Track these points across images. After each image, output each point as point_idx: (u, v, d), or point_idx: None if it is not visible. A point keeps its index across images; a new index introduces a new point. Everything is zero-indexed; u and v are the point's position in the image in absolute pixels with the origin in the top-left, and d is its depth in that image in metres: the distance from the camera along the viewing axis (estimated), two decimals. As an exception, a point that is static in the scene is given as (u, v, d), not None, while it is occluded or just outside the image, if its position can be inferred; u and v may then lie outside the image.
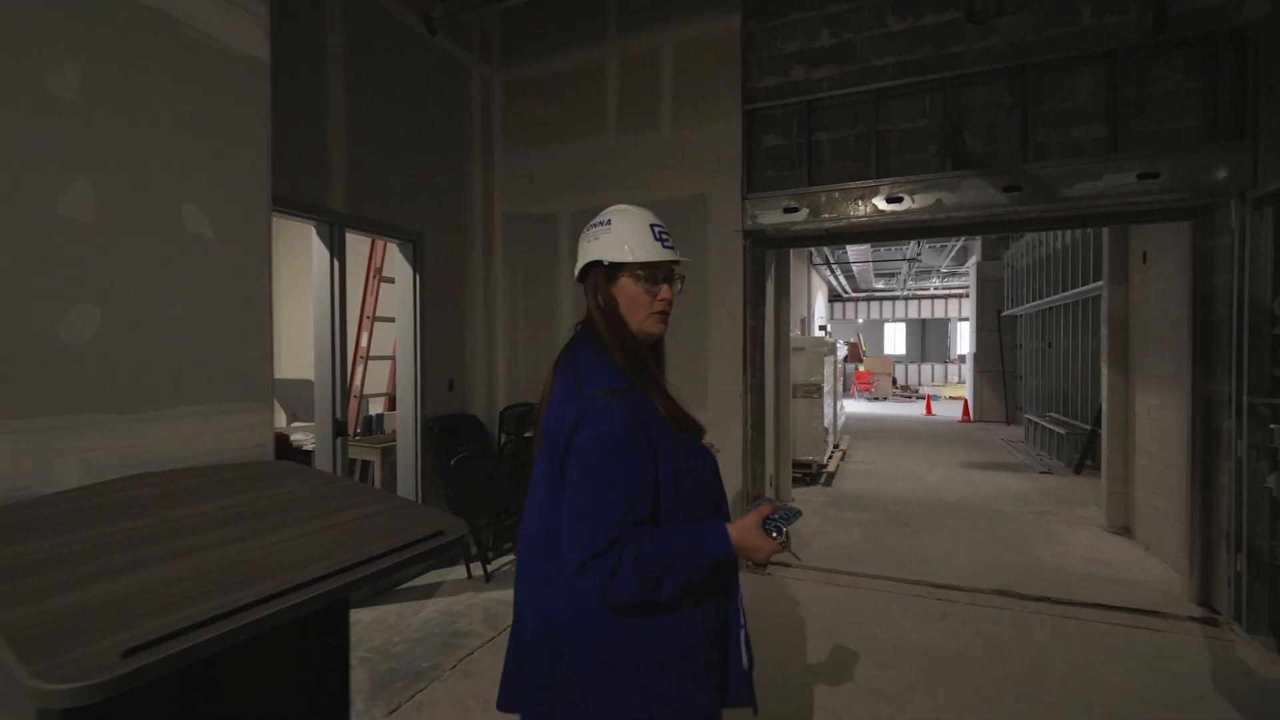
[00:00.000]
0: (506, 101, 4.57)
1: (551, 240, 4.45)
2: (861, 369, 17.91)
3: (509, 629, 3.07)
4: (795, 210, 3.80)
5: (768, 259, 4.51)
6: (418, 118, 3.89)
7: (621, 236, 1.21)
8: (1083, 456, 6.78)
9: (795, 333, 8.36)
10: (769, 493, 4.82)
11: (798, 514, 1.20)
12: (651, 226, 1.23)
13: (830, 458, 7.06)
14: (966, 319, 16.28)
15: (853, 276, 17.61)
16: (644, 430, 1.10)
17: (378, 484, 4.04)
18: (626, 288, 1.21)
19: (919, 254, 13.38)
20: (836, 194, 3.71)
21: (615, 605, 1.10)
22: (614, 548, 1.04)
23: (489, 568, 3.79)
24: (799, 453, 6.27)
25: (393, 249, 4.13)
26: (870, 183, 3.65)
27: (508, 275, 4.59)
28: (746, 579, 3.78)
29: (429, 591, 3.60)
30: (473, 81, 4.39)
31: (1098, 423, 6.60)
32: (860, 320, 23.88)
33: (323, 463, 3.34)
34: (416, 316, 3.89)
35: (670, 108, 4.09)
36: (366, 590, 3.48)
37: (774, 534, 1.13)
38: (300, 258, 5.65)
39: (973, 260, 12.83)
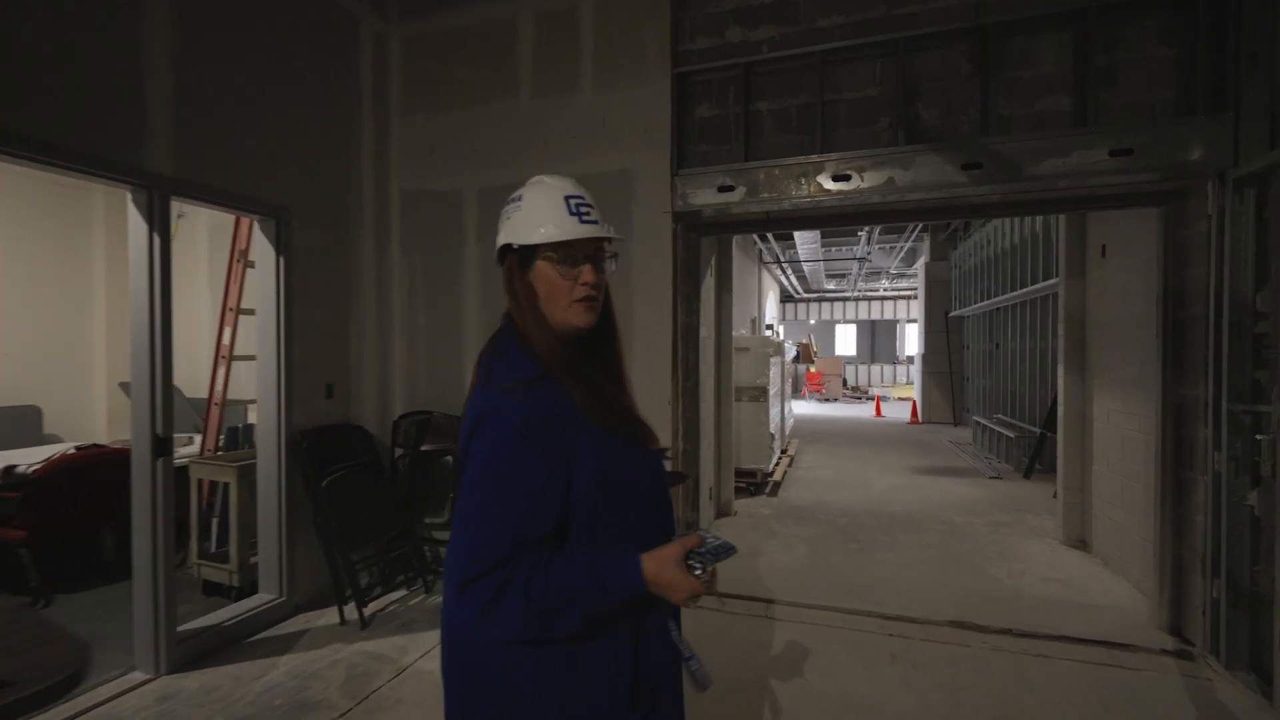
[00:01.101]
0: (405, 60, 3.93)
1: (456, 222, 3.84)
2: (813, 370, 17.80)
3: (376, 694, 2.49)
4: (730, 189, 3.31)
5: (704, 247, 4.02)
6: (286, 71, 3.23)
7: (533, 214, 1.03)
8: (1032, 461, 6.59)
9: (741, 332, 7.95)
10: (705, 509, 4.33)
11: (730, 550, 0.99)
12: (567, 199, 1.03)
13: (776, 465, 6.66)
14: (915, 320, 16.36)
15: (804, 277, 17.45)
16: (554, 429, 0.95)
17: (234, 511, 3.34)
18: (543, 272, 1.02)
19: (869, 253, 13.24)
20: (777, 171, 3.25)
21: (496, 638, 0.94)
22: (500, 570, 0.90)
23: (366, 611, 3.15)
24: (743, 460, 5.83)
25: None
26: (815, 158, 3.19)
27: (405, 262, 3.95)
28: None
29: (286, 644, 2.94)
30: (362, 35, 3.74)
31: (1046, 425, 6.41)
32: (812, 321, 23.91)
33: (140, 491, 2.65)
34: (280, 308, 3.22)
35: (591, 69, 3.55)
36: (196, 646, 2.80)
37: (697, 570, 0.95)
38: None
39: (921, 261, 12.78)
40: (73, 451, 3.66)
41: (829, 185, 3.17)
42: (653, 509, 1.05)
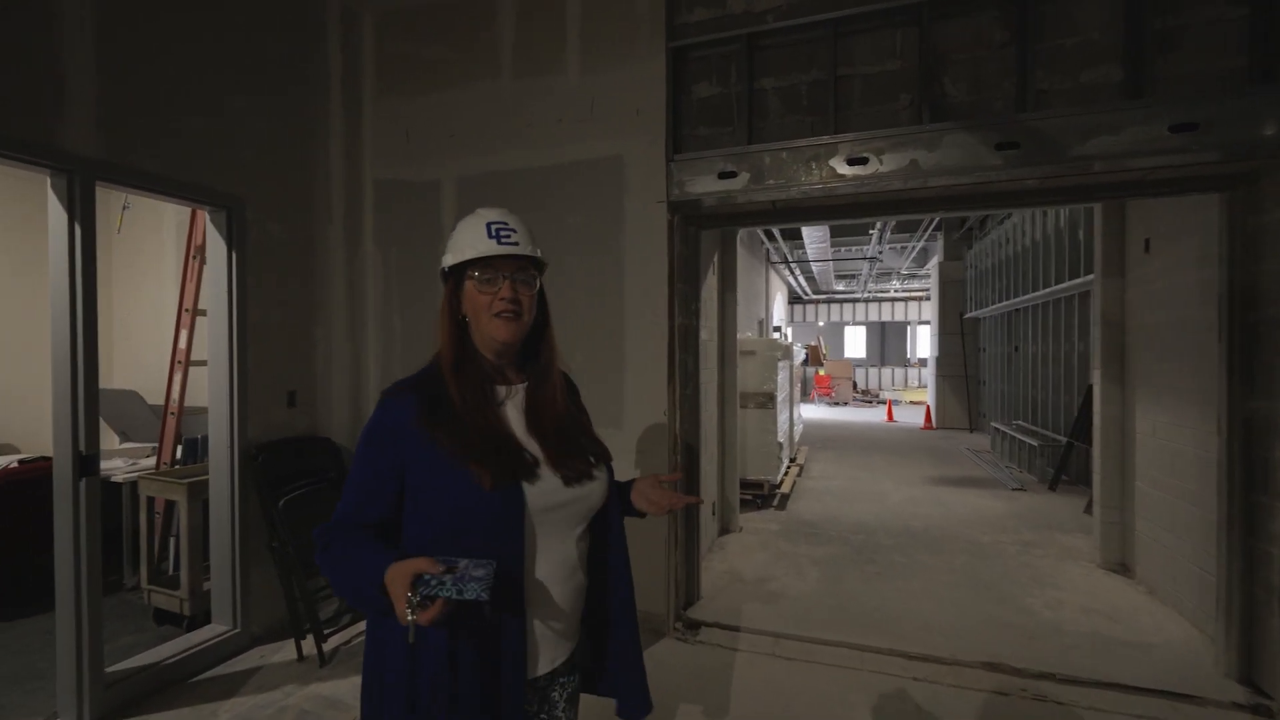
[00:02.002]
0: (378, 39, 3.61)
1: (433, 215, 3.52)
2: (822, 373, 17.38)
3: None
4: (732, 175, 2.96)
5: (705, 242, 3.68)
6: (240, 45, 2.92)
7: (461, 240, 1.14)
8: (1058, 472, 6.18)
9: (747, 334, 7.59)
10: (709, 526, 3.98)
11: (472, 599, 0.87)
12: (489, 224, 1.12)
13: (785, 475, 6.29)
14: (926, 322, 15.91)
15: (813, 278, 17.03)
16: (385, 438, 1.06)
17: (184, 532, 3.03)
18: (469, 292, 1.12)
19: (880, 253, 12.84)
20: (784, 154, 2.90)
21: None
22: (328, 533, 1.05)
23: (328, 645, 2.83)
24: (749, 471, 5.47)
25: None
26: (827, 139, 2.84)
27: (380, 258, 3.64)
28: (672, 648, 2.92)
29: (233, 684, 2.62)
30: (329, 10, 3.43)
31: (1074, 435, 6.01)
32: (821, 323, 23.46)
33: (61, 514, 2.33)
34: (232, 308, 2.90)
35: (578, 45, 3.21)
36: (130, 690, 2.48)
37: (414, 597, 0.87)
38: (131, 238, 4.57)
39: (934, 261, 12.36)
40: (15, 465, 3.37)
41: (843, 170, 2.82)
42: (495, 528, 1.02)
